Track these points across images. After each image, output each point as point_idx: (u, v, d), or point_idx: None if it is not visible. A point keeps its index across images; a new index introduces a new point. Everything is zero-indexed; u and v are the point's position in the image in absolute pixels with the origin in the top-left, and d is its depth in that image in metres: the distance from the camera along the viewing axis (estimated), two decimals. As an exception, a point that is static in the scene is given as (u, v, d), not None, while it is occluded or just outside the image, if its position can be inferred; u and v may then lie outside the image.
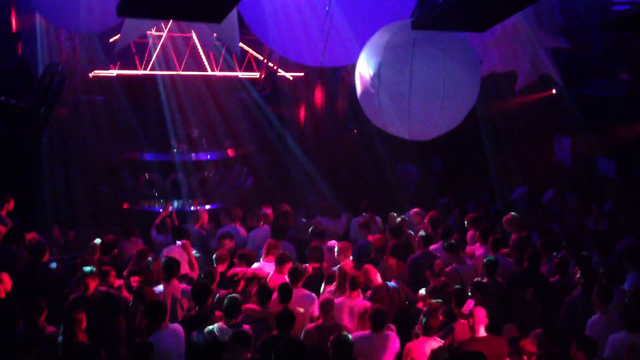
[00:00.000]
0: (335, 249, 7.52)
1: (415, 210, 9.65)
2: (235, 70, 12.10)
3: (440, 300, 6.28)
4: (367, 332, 5.73)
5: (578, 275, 6.67)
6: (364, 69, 5.33)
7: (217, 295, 6.46)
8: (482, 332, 5.59)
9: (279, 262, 6.99)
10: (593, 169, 12.62)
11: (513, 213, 8.80)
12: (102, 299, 6.31)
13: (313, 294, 6.63)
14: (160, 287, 6.57)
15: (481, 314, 5.62)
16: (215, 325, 5.72)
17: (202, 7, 3.92)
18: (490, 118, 12.75)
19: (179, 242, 7.69)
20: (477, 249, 8.09)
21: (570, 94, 11.91)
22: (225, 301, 5.86)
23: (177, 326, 5.78)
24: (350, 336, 5.28)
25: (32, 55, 9.68)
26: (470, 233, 8.65)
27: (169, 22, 10.26)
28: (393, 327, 6.16)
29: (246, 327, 5.68)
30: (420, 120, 5.20)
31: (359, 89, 5.46)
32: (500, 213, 9.58)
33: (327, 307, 5.93)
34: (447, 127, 5.42)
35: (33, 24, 9.24)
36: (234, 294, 6.14)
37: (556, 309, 6.54)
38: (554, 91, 12.05)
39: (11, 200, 8.94)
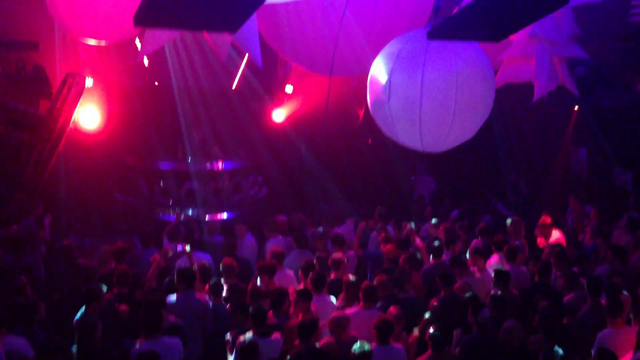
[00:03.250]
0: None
1: (433, 221, 9.61)
2: (252, 81, 12.17)
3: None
4: (373, 344, 5.69)
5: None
6: (376, 77, 5.31)
7: None
8: None
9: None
10: (610, 181, 12.49)
11: (510, 219, 8.75)
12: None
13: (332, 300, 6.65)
14: (173, 298, 6.54)
15: None
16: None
17: (218, 17, 3.94)
18: (505, 128, 12.69)
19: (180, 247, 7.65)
20: (492, 259, 8.03)
21: (587, 104, 11.83)
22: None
23: (173, 341, 5.69)
24: (368, 345, 5.24)
25: (50, 63, 9.80)
26: (475, 242, 8.55)
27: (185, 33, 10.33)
28: (405, 333, 6.12)
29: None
30: (433, 131, 5.14)
31: (370, 97, 5.44)
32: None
33: (342, 324, 5.88)
34: (460, 139, 5.35)
35: (51, 32, 9.35)
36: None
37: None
38: (576, 108, 11.97)
39: (43, 210, 9.16)
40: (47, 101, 9.70)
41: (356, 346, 5.23)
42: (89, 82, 9.45)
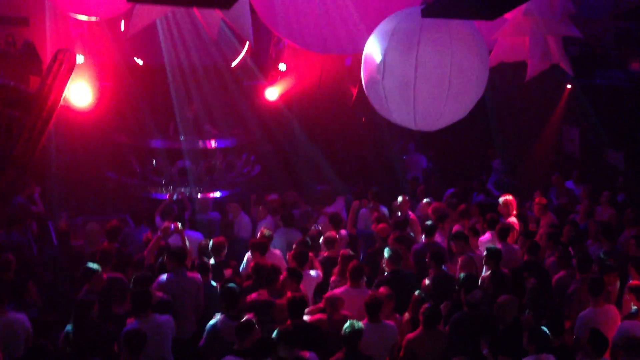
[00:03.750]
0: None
1: (424, 200, 9.64)
2: (244, 57, 12.06)
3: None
4: (364, 322, 5.74)
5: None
6: (370, 55, 5.28)
7: None
8: None
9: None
10: (602, 160, 12.54)
11: (504, 197, 8.79)
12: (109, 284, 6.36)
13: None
14: (164, 277, 6.53)
15: None
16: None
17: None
18: (498, 108, 12.69)
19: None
20: (484, 237, 8.08)
21: (580, 84, 11.82)
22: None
23: (164, 318, 5.74)
24: (360, 324, 5.30)
25: (40, 39, 9.67)
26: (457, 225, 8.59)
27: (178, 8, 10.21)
28: (398, 316, 6.17)
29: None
30: (426, 109, 5.12)
31: (364, 76, 5.41)
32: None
33: (336, 304, 5.94)
34: (453, 117, 5.34)
35: (42, 7, 9.22)
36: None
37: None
38: (568, 86, 11.95)
39: (33, 185, 9.14)
40: (38, 77, 9.59)
41: (347, 325, 5.27)
42: (79, 58, 9.35)
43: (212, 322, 5.84)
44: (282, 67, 12.31)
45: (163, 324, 5.71)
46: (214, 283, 6.77)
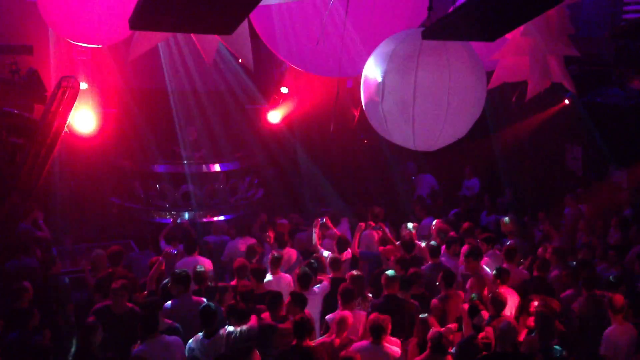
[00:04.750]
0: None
1: (437, 221, 9.57)
2: (248, 81, 12.15)
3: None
4: (365, 343, 5.69)
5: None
6: (370, 77, 5.33)
7: None
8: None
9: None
10: (605, 178, 12.52)
11: (506, 218, 8.77)
12: (128, 315, 6.31)
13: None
14: (168, 304, 6.52)
15: None
16: None
17: (213, 19, 3.93)
18: (500, 127, 12.71)
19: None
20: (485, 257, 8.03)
21: (582, 102, 11.85)
22: None
23: (172, 339, 5.71)
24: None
25: (44, 67, 9.76)
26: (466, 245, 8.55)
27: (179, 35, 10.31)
28: (395, 339, 6.09)
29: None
30: (425, 129, 5.18)
31: (364, 97, 5.47)
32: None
33: (342, 325, 5.92)
34: (452, 137, 5.39)
35: (45, 35, 9.32)
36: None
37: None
38: (566, 102, 11.98)
39: (37, 211, 9.16)
40: (42, 105, 9.65)
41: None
42: (83, 85, 9.42)
43: (189, 342, 5.85)
44: (284, 90, 12.38)
45: (171, 343, 5.67)
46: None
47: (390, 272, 6.82)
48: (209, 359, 5.62)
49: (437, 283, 6.96)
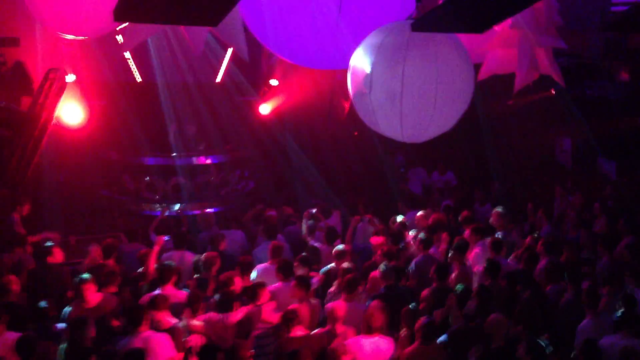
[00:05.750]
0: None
1: (421, 213, 9.58)
2: (238, 73, 12.11)
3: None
4: (359, 337, 5.70)
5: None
6: (358, 69, 5.32)
7: None
8: None
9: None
10: (594, 170, 12.60)
11: (499, 209, 8.76)
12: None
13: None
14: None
15: None
16: None
17: (198, 11, 3.91)
18: (490, 119, 12.73)
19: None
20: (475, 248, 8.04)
21: (571, 94, 11.89)
22: None
23: (153, 335, 5.59)
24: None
25: (31, 59, 9.69)
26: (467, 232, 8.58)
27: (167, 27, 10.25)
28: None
29: None
30: (413, 121, 5.19)
31: (352, 89, 5.46)
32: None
33: (334, 315, 5.94)
34: (440, 130, 5.41)
35: (32, 28, 9.24)
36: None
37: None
38: (552, 92, 12.02)
39: (26, 204, 9.10)
40: (29, 97, 9.60)
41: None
42: (70, 77, 9.37)
43: None
44: (273, 82, 12.34)
45: (162, 341, 5.62)
46: None
47: (381, 265, 6.84)
48: None
49: (430, 276, 6.96)
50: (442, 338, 5.80)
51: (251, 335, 6.08)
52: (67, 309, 6.29)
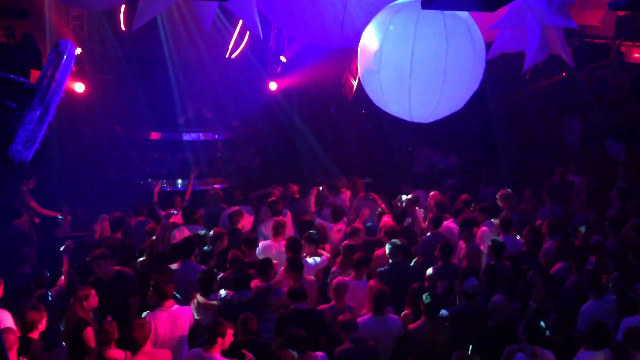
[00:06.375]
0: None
1: (433, 193, 9.55)
2: (246, 51, 12.03)
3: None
4: (368, 315, 5.74)
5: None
6: (367, 46, 5.26)
7: None
8: None
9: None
10: (602, 151, 12.53)
11: (508, 189, 8.76)
12: (114, 279, 6.32)
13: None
14: (174, 266, 6.57)
15: None
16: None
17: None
18: (499, 100, 12.65)
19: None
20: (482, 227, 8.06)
21: (580, 75, 11.78)
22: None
23: (181, 309, 5.69)
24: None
25: (40, 32, 9.66)
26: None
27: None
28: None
29: None
30: (421, 101, 5.12)
31: (360, 66, 5.40)
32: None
33: (340, 290, 5.98)
34: (449, 109, 5.33)
35: (41, 0, 9.20)
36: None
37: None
38: (564, 74, 11.93)
39: (32, 178, 9.20)
40: (38, 70, 9.59)
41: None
42: (77, 50, 9.35)
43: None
44: (282, 59, 12.29)
45: (179, 313, 5.67)
46: None
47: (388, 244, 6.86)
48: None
49: (435, 254, 6.99)
50: (443, 312, 5.83)
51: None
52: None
